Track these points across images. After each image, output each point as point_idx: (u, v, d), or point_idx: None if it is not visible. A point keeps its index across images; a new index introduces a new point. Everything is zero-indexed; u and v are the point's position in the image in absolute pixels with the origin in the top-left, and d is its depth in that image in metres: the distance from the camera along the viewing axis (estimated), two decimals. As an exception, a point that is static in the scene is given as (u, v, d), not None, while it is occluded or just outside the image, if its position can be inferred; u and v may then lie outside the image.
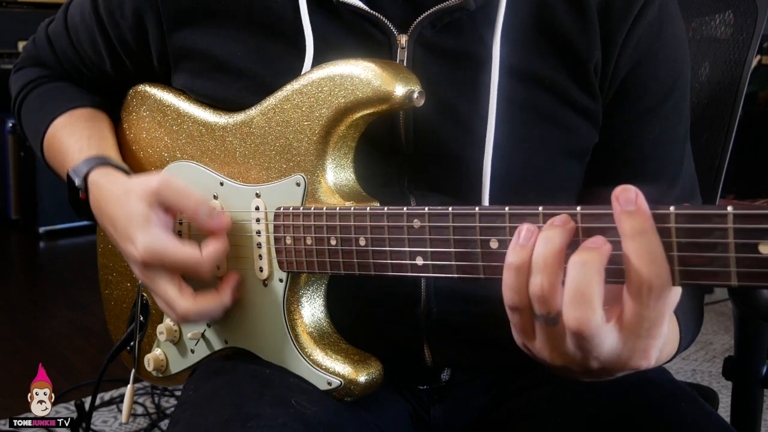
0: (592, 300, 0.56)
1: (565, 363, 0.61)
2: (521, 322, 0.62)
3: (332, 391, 0.80)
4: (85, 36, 0.99)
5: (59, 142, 0.97)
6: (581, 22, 0.81)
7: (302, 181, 0.79)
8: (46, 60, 1.06)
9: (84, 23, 0.98)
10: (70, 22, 1.01)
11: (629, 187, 0.56)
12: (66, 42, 1.02)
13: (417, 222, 0.69)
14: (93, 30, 0.97)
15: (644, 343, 0.58)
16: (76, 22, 1.00)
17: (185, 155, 0.90)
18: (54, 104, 1.02)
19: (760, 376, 1.11)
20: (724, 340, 2.96)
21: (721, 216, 0.53)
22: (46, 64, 1.07)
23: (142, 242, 0.80)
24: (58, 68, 1.06)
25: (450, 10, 0.79)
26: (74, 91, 1.04)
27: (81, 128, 0.97)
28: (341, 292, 0.84)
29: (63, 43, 1.03)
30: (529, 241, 0.59)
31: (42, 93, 1.05)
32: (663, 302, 0.56)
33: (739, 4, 1.11)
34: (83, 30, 0.99)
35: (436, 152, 0.82)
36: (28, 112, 1.06)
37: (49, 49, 1.05)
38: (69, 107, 1.00)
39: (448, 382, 0.91)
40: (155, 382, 1.01)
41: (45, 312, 3.32)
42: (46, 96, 1.04)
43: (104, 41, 0.96)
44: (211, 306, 0.82)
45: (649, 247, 0.55)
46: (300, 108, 0.79)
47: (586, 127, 0.84)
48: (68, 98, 1.02)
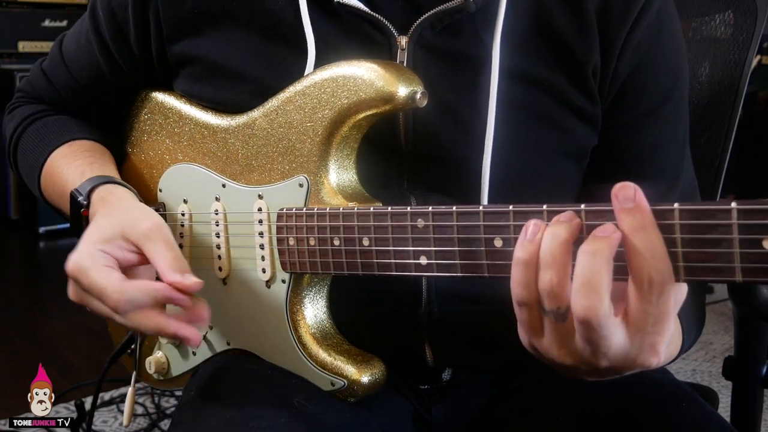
0: (600, 289, 0.56)
1: (573, 361, 0.61)
2: (529, 319, 0.62)
3: (336, 391, 0.80)
4: (84, 60, 0.98)
5: (58, 171, 0.94)
6: (580, 25, 0.81)
7: (305, 182, 0.79)
8: (43, 94, 1.05)
9: (80, 49, 0.98)
10: (65, 52, 1.01)
11: (628, 184, 0.56)
12: (64, 73, 1.01)
13: (421, 221, 0.70)
14: (91, 51, 0.96)
15: (651, 340, 0.58)
16: (71, 50, 1.00)
17: (187, 157, 0.90)
18: (53, 137, 0.99)
19: (760, 376, 1.11)
20: (724, 340, 2.97)
21: (725, 212, 0.53)
22: (43, 97, 1.05)
23: (81, 251, 0.76)
24: (56, 100, 1.04)
25: (450, 11, 0.80)
26: (73, 124, 1.02)
27: (82, 156, 0.94)
28: (343, 293, 0.84)
29: (60, 74, 1.01)
30: (536, 236, 0.60)
31: (40, 127, 1.02)
32: (666, 298, 0.56)
33: (739, 4, 1.11)
34: (80, 55, 0.98)
35: (435, 153, 0.82)
36: (25, 147, 1.02)
37: (46, 83, 1.03)
38: (69, 139, 0.98)
39: (449, 382, 0.91)
40: (156, 385, 1.01)
41: (45, 312, 3.32)
42: (44, 130, 1.01)
43: (105, 57, 0.95)
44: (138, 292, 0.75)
45: (649, 243, 0.55)
46: (303, 109, 0.79)
47: (584, 129, 0.84)
48: (68, 130, 1.00)
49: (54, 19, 4.40)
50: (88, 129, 1.01)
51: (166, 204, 0.92)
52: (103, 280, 0.75)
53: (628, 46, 0.82)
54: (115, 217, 0.80)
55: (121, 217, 0.79)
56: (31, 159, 1.01)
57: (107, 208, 0.84)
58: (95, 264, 0.76)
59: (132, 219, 0.78)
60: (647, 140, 0.86)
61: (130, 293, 0.74)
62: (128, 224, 0.77)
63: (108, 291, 0.74)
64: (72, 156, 0.95)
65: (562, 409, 0.84)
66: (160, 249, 0.76)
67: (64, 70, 1.01)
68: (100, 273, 0.75)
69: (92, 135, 1.00)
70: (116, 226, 0.78)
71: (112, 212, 0.82)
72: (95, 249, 0.76)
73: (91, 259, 0.76)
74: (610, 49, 0.82)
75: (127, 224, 0.77)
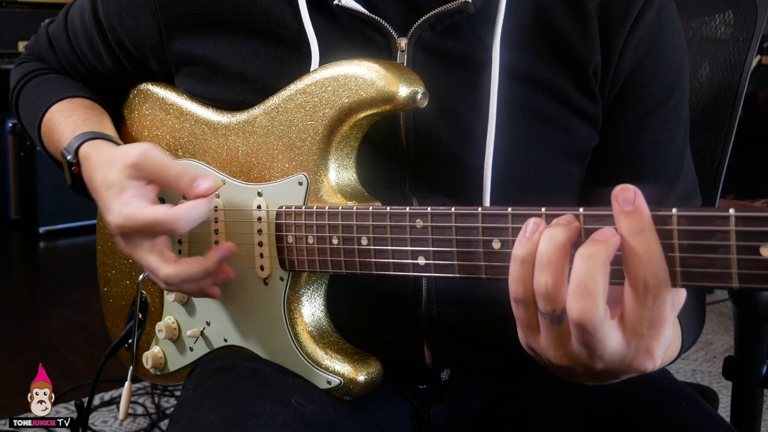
0: (595, 292, 0.56)
1: (570, 363, 0.61)
2: (526, 316, 0.62)
3: (332, 389, 0.80)
4: (84, 39, 0.99)
5: (56, 125, 0.96)
6: (580, 25, 0.81)
7: (305, 181, 0.79)
8: (47, 57, 1.07)
9: (83, 27, 0.98)
10: (70, 24, 1.01)
11: (628, 186, 0.56)
12: (65, 43, 1.02)
13: (419, 222, 0.69)
14: (92, 34, 0.97)
15: (647, 343, 0.58)
16: (75, 25, 1.00)
17: (187, 153, 0.90)
18: (53, 92, 1.01)
19: (760, 376, 1.11)
20: (724, 340, 2.97)
21: (723, 218, 0.53)
22: (47, 61, 1.07)
23: (117, 211, 0.80)
24: (58, 67, 1.06)
25: (449, 13, 0.80)
26: (74, 83, 1.04)
27: (79, 112, 0.96)
28: (341, 293, 0.84)
29: (62, 44, 1.03)
30: (535, 235, 0.60)
31: (41, 82, 1.04)
32: (661, 302, 0.56)
33: (739, 4, 1.11)
34: (82, 33, 0.99)
35: (437, 154, 0.82)
36: (26, 99, 1.05)
37: (49, 49, 1.05)
38: (69, 95, 1.00)
39: (447, 382, 0.91)
40: (153, 380, 1.01)
41: (45, 312, 3.32)
42: (45, 85, 1.04)
43: (104, 45, 0.96)
44: (193, 270, 0.80)
45: (646, 246, 0.55)
46: (304, 108, 0.79)
47: (585, 129, 0.84)
48: (68, 87, 1.02)
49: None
50: (89, 90, 1.02)
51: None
52: (152, 213, 0.79)
53: (628, 45, 0.82)
54: (113, 168, 0.82)
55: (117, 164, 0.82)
56: (30, 113, 1.02)
57: (92, 162, 0.86)
58: (139, 206, 0.79)
59: (122, 160, 0.81)
60: (648, 139, 0.86)
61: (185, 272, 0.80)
62: (123, 166, 0.80)
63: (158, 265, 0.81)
64: (70, 110, 0.97)
65: (561, 411, 0.84)
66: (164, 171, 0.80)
67: (66, 43, 1.02)
68: (148, 210, 0.79)
69: (92, 95, 1.02)
70: (121, 173, 0.81)
71: (100, 166, 0.84)
72: (126, 198, 0.80)
73: (130, 206, 0.79)
74: (610, 49, 0.82)
75: (122, 166, 0.80)
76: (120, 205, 0.79)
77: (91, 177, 0.86)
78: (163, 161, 0.81)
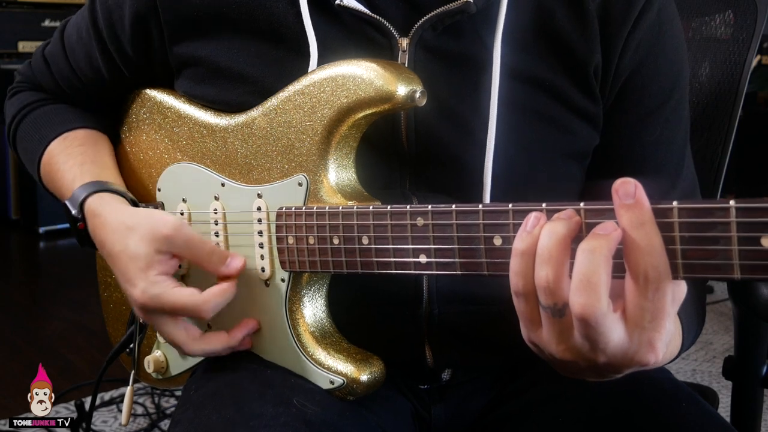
0: (598, 287, 0.56)
1: (572, 357, 0.61)
2: (528, 310, 0.62)
3: (335, 390, 0.80)
4: (82, 55, 0.98)
5: (54, 171, 0.96)
6: (581, 25, 0.81)
7: (304, 181, 0.79)
8: (42, 81, 1.05)
9: (81, 41, 0.98)
10: (67, 41, 1.01)
11: (629, 180, 0.57)
12: (63, 61, 1.01)
13: (420, 220, 0.70)
14: (91, 47, 0.96)
15: (649, 336, 0.58)
16: (72, 41, 1.00)
17: (186, 156, 0.90)
18: (48, 128, 1.00)
19: (760, 376, 1.11)
20: (724, 340, 2.97)
21: (724, 210, 0.53)
22: (43, 86, 1.06)
23: (143, 288, 0.80)
24: (55, 89, 1.04)
25: (451, 13, 0.80)
26: (69, 112, 1.03)
27: (75, 154, 0.95)
28: (343, 293, 0.84)
29: (60, 62, 1.02)
30: (535, 229, 0.60)
31: (37, 117, 1.03)
32: (662, 295, 0.56)
33: (739, 4, 1.11)
34: (80, 48, 0.98)
35: (437, 154, 0.82)
36: (23, 138, 1.04)
37: (46, 70, 1.04)
38: (63, 130, 0.99)
39: (449, 382, 0.91)
40: (155, 384, 1.01)
41: (45, 312, 3.32)
42: (41, 120, 1.02)
43: (102, 57, 0.95)
44: (218, 348, 0.83)
45: (647, 239, 0.56)
46: (302, 108, 0.79)
47: (586, 129, 0.85)
48: (63, 120, 1.01)
49: (54, 19, 4.40)
50: (84, 116, 1.02)
51: (165, 203, 0.92)
52: (180, 299, 0.79)
53: (629, 46, 0.82)
54: (134, 236, 0.81)
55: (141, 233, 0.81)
56: (29, 153, 1.02)
57: (101, 221, 0.86)
58: (166, 286, 0.80)
59: (150, 230, 0.81)
60: (648, 140, 0.86)
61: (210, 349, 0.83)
62: (152, 238, 0.80)
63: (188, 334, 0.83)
64: (66, 153, 0.96)
65: (562, 411, 0.84)
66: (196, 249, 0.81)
67: (64, 60, 1.01)
68: (176, 294, 0.80)
69: (88, 122, 1.01)
70: (149, 245, 0.80)
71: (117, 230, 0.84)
72: (153, 276, 0.80)
73: (157, 286, 0.79)
74: (611, 49, 0.82)
75: (151, 238, 0.80)
76: (147, 283, 0.79)
77: (103, 239, 0.85)
78: (195, 238, 0.81)
